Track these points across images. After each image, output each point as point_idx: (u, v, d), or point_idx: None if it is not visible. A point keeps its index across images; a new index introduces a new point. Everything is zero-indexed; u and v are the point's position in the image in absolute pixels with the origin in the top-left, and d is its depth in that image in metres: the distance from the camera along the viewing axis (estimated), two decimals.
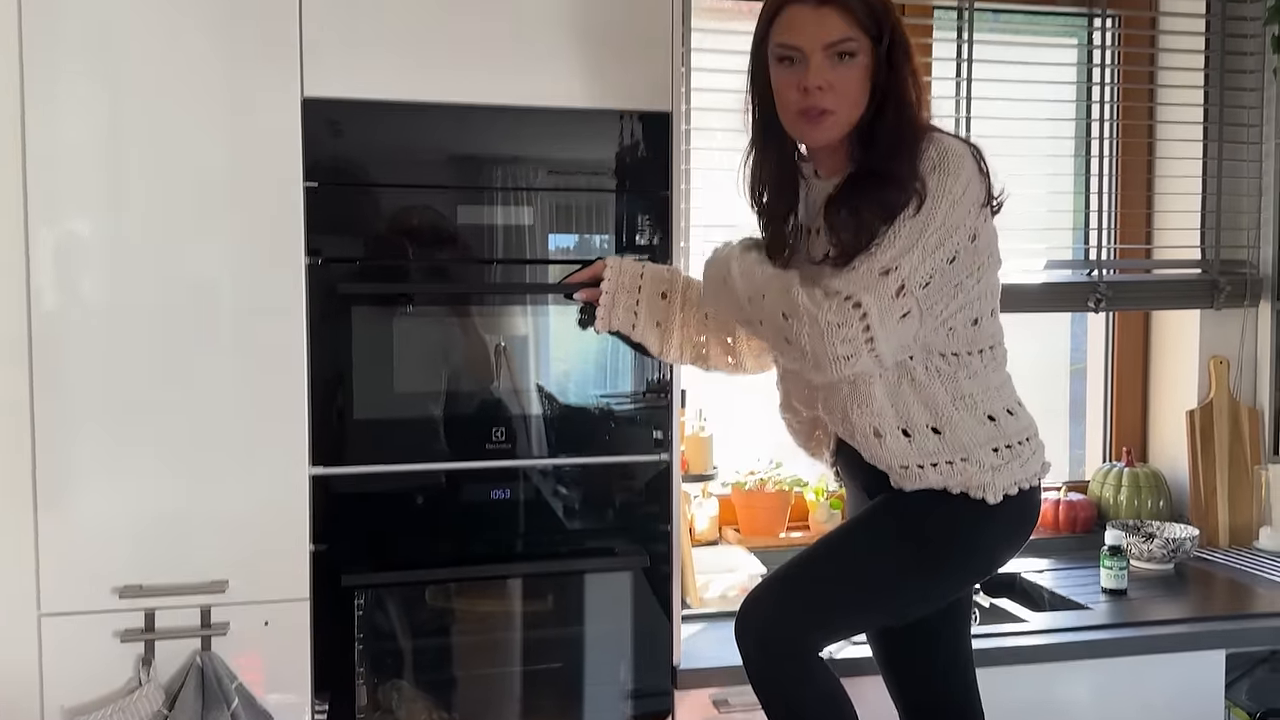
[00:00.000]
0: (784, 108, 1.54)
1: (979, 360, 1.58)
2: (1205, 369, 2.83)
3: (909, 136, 1.49)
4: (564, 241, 1.88)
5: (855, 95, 1.50)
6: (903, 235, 1.44)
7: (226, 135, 1.72)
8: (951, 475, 1.54)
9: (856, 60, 1.48)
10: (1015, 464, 1.57)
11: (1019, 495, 1.57)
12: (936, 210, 1.45)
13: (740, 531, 2.65)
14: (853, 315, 1.42)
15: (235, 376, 1.75)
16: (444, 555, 1.83)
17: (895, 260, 1.44)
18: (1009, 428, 1.59)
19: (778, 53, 1.52)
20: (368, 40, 1.76)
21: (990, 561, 1.65)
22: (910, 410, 1.55)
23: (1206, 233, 2.81)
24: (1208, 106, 2.78)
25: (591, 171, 1.87)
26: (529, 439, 1.85)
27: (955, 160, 1.47)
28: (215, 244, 1.73)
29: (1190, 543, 2.58)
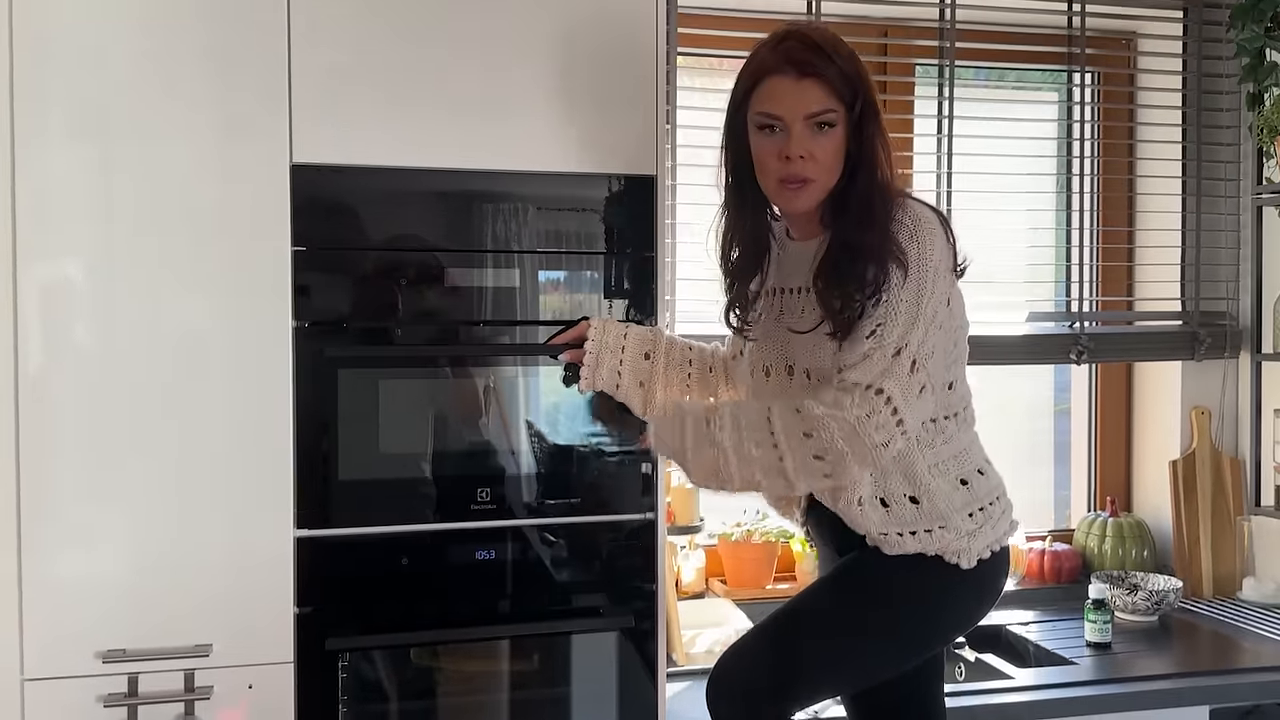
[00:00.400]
0: (764, 175, 1.57)
1: (954, 424, 1.60)
2: (1187, 419, 2.86)
3: (880, 202, 1.52)
4: (551, 302, 1.89)
5: (832, 163, 1.53)
6: (902, 311, 1.46)
7: (216, 196, 1.74)
8: (929, 542, 1.56)
9: (835, 129, 1.52)
10: (988, 527, 1.59)
11: (990, 558, 1.59)
12: (925, 280, 1.47)
13: (727, 583, 2.65)
14: (878, 402, 1.44)
15: (221, 437, 1.75)
16: (428, 617, 1.83)
17: (903, 338, 1.46)
18: (981, 489, 1.61)
19: (758, 120, 1.55)
20: (356, 107, 1.78)
21: (961, 624, 1.67)
22: (889, 480, 1.58)
23: (1186, 285, 2.84)
24: (1185, 161, 2.83)
25: (577, 233, 1.89)
26: (514, 499, 1.85)
27: (928, 228, 1.50)
28: (204, 305, 1.74)
29: (1174, 595, 2.59)
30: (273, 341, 1.76)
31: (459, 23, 1.82)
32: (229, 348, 1.75)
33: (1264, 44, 2.58)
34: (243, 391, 1.75)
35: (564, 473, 1.89)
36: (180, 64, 1.72)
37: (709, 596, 2.63)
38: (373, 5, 1.79)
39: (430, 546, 1.83)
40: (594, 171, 1.88)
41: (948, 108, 2.65)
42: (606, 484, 1.89)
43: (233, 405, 1.75)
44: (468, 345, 1.86)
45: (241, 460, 1.76)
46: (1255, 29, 2.57)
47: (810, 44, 1.50)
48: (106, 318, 1.72)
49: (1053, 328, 2.80)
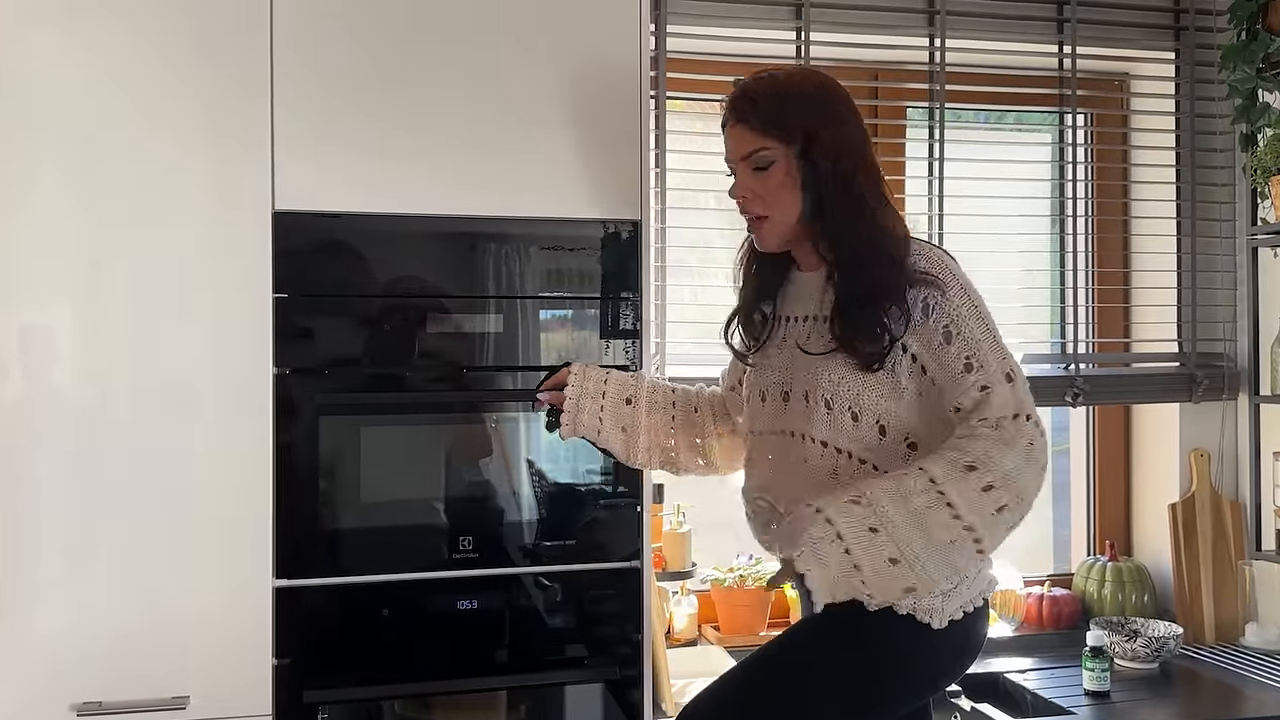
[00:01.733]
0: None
1: None
2: (1186, 462, 2.82)
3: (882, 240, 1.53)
4: (539, 346, 1.88)
5: (777, 197, 1.57)
6: (981, 336, 1.48)
7: (198, 243, 1.74)
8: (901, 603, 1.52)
9: (776, 166, 1.56)
10: (963, 587, 1.54)
11: (964, 619, 1.54)
12: (970, 297, 1.50)
13: (720, 630, 2.61)
14: (1027, 425, 1.43)
15: (200, 485, 1.74)
16: (409, 668, 1.80)
17: (1005, 361, 1.48)
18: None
19: (727, 168, 1.63)
20: (339, 154, 1.78)
21: (930, 686, 1.62)
22: None
23: (1183, 326, 2.82)
24: (1180, 202, 2.82)
25: (564, 277, 1.89)
26: (496, 547, 1.83)
27: (940, 255, 1.55)
28: (183, 350, 1.74)
29: (1174, 642, 2.55)
30: (253, 388, 1.75)
31: (444, 71, 1.83)
32: (209, 395, 1.74)
33: (1256, 85, 2.58)
34: (222, 439, 1.74)
35: (547, 520, 1.88)
36: (164, 110, 1.73)
37: (701, 644, 2.59)
38: (357, 53, 1.80)
39: (411, 596, 1.81)
40: (579, 217, 1.88)
41: (939, 150, 2.65)
42: (591, 531, 1.87)
43: (212, 453, 1.74)
44: (451, 392, 1.84)
45: (221, 509, 1.74)
46: (1247, 70, 2.57)
47: (743, 90, 1.58)
48: (84, 365, 1.71)
49: (1048, 370, 2.78)
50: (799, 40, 2.56)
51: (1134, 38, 2.79)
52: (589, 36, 1.89)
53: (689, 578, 2.56)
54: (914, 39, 2.66)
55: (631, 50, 1.90)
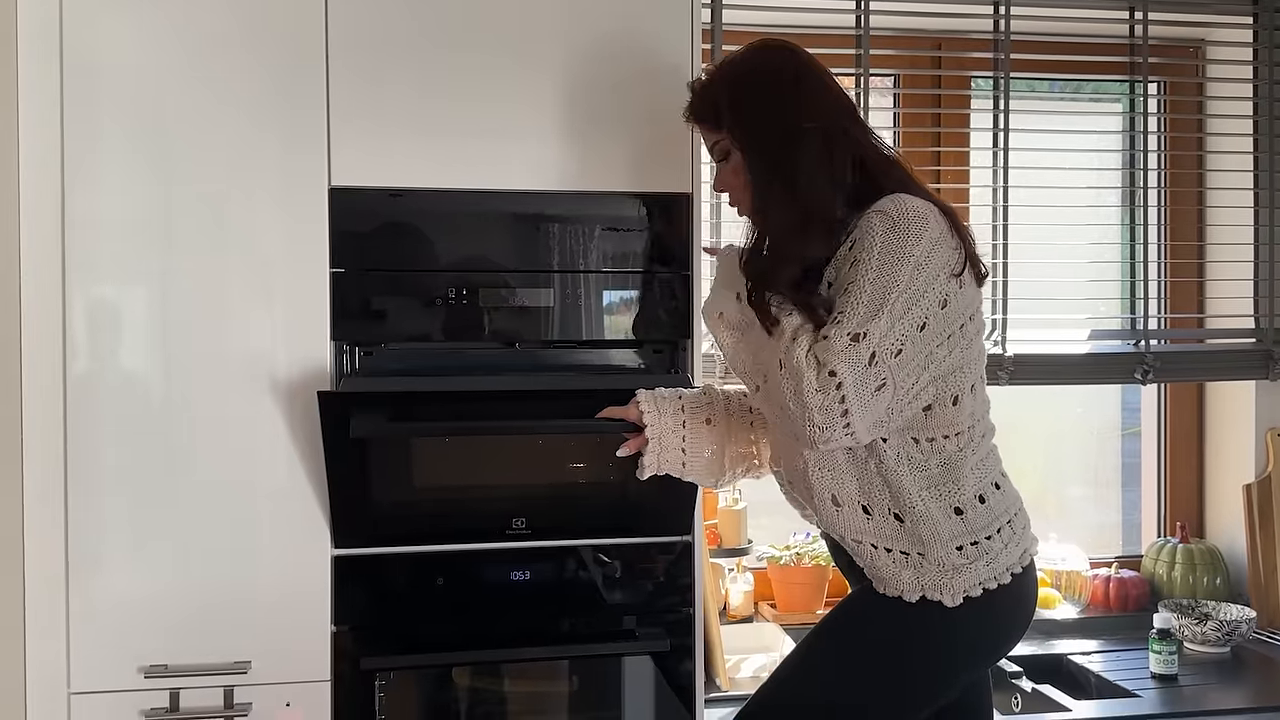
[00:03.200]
0: None
1: (954, 444, 1.50)
2: (1262, 441, 2.73)
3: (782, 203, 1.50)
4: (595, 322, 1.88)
5: (740, 184, 1.58)
6: (865, 299, 1.39)
7: (258, 218, 1.77)
8: (906, 569, 1.50)
9: (732, 155, 1.58)
10: (980, 563, 1.49)
11: (983, 596, 1.48)
12: (900, 272, 1.39)
13: (776, 608, 2.60)
14: (830, 384, 1.37)
15: (260, 456, 1.78)
16: (464, 637, 1.83)
17: (863, 325, 1.38)
18: (978, 520, 1.50)
19: None
20: (392, 131, 1.80)
21: (952, 664, 1.54)
22: (873, 489, 1.51)
23: (1260, 301, 2.72)
24: (1257, 173, 2.72)
25: (614, 253, 1.88)
26: (549, 521, 1.84)
27: (916, 220, 1.42)
28: (245, 324, 1.77)
29: (1247, 625, 2.48)
30: (311, 364, 1.78)
31: (496, 46, 1.83)
32: (269, 368, 1.78)
33: None
34: (283, 411, 1.78)
35: (601, 495, 1.88)
36: (228, 87, 1.76)
37: (757, 620, 2.59)
38: (406, 29, 1.81)
39: (465, 566, 1.83)
40: (632, 191, 1.87)
41: (1003, 120, 2.58)
42: (645, 506, 1.87)
43: (273, 424, 1.78)
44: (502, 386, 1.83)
45: (281, 479, 1.78)
46: None
47: (692, 91, 1.63)
48: (150, 339, 1.76)
49: (1117, 346, 2.70)
50: (859, 10, 2.51)
51: (1210, 1, 2.68)
52: (643, 9, 1.87)
53: (745, 555, 2.56)
54: (978, 6, 2.59)
55: (684, 23, 1.88)
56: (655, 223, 1.88)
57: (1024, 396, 2.72)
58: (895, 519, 1.51)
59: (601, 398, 1.71)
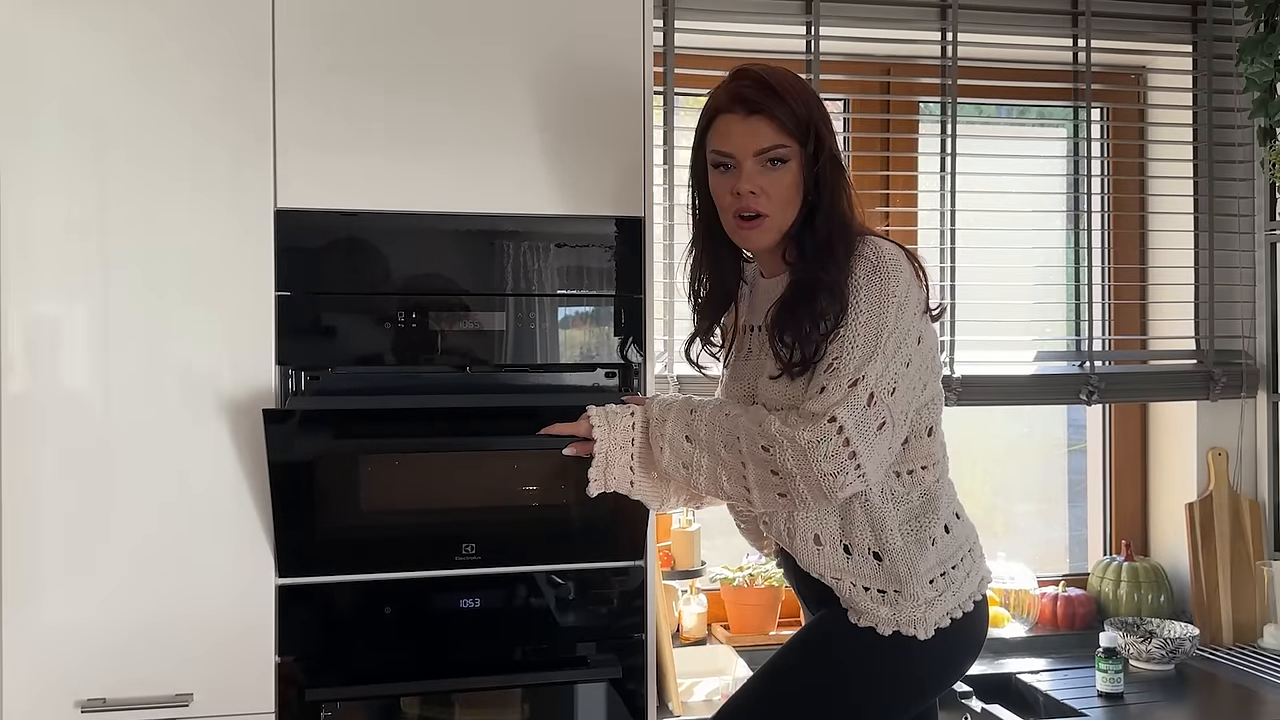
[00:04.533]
0: (722, 211, 1.57)
1: (932, 474, 1.56)
2: (1204, 461, 2.78)
3: (839, 240, 1.50)
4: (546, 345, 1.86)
5: (786, 199, 1.52)
6: (859, 344, 1.44)
7: (202, 238, 1.74)
8: (883, 606, 1.51)
9: (788, 166, 1.51)
10: (949, 594, 1.53)
11: (951, 626, 1.52)
12: (886, 314, 1.45)
13: (730, 629, 2.60)
14: (829, 430, 1.42)
15: (203, 483, 1.74)
16: (411, 666, 1.80)
17: (860, 370, 1.44)
18: (947, 550, 1.55)
19: (713, 159, 1.55)
20: (340, 151, 1.78)
21: (921, 694, 1.59)
22: (855, 529, 1.53)
23: (1201, 323, 2.78)
24: (1198, 197, 2.78)
25: (570, 276, 1.87)
26: (500, 547, 1.82)
27: (892, 263, 1.48)
28: (186, 346, 1.74)
29: (1190, 643, 2.51)
30: (255, 387, 1.75)
31: (446, 66, 1.82)
32: (213, 393, 1.74)
33: (1274, 78, 2.54)
34: (226, 436, 1.74)
35: (552, 519, 1.86)
36: (171, 103, 1.73)
37: (710, 643, 2.58)
38: (356, 50, 1.79)
39: (413, 594, 1.80)
40: (584, 214, 1.87)
41: (950, 145, 2.62)
42: (597, 531, 1.86)
43: (216, 450, 1.74)
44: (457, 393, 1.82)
45: (225, 506, 1.75)
46: (1264, 63, 2.53)
47: (760, 82, 1.50)
48: (90, 360, 1.72)
49: (1063, 367, 2.75)
50: (809, 35, 2.54)
51: (1150, 30, 2.75)
52: (594, 32, 1.87)
53: (698, 576, 2.55)
54: (926, 33, 2.63)
55: (635, 46, 1.88)
56: (608, 246, 1.88)
57: (972, 415, 2.75)
58: (874, 558, 1.52)
59: (549, 415, 1.69)
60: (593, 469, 1.64)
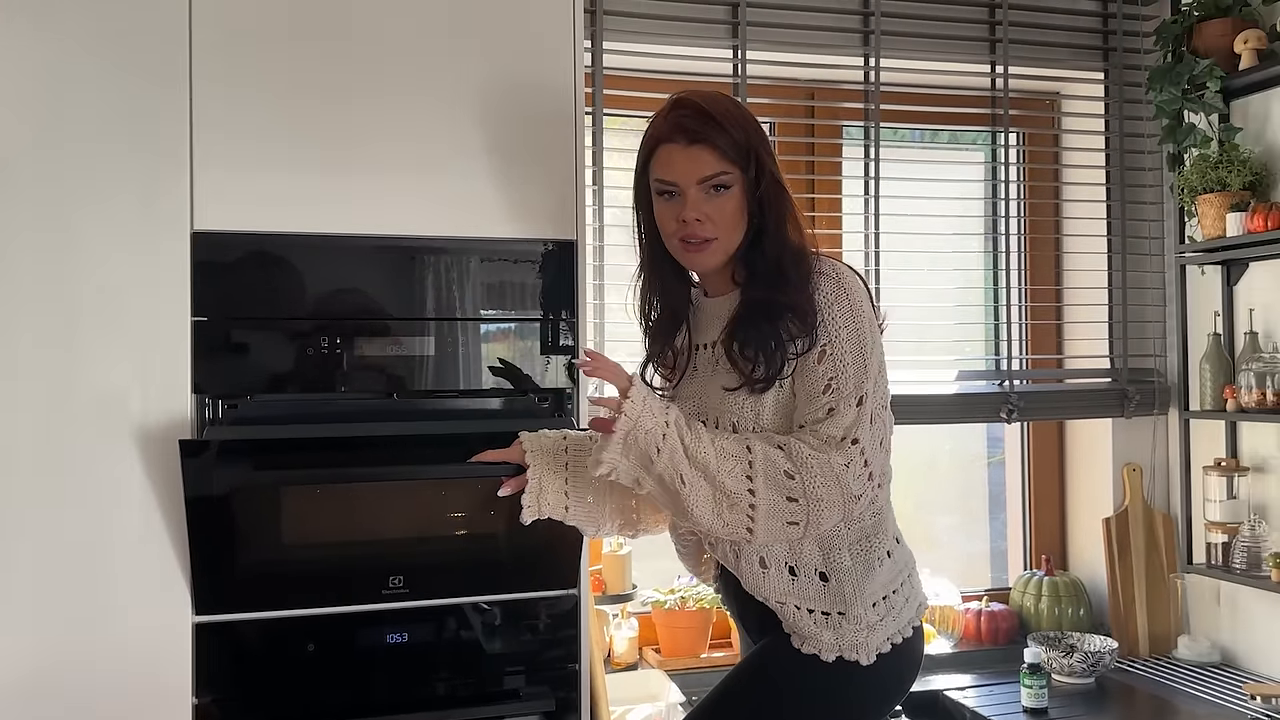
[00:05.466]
0: (666, 236, 1.57)
1: (885, 492, 1.56)
2: (1119, 476, 2.86)
3: (790, 262, 1.51)
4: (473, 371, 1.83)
5: (732, 223, 1.52)
6: (850, 361, 1.46)
7: (115, 261, 1.66)
8: (826, 630, 1.51)
9: (731, 191, 1.51)
10: (889, 618, 1.54)
11: (891, 651, 1.53)
12: (862, 328, 1.48)
13: (661, 653, 2.58)
14: (855, 452, 1.44)
15: (113, 518, 1.66)
16: (337, 706, 1.73)
17: (860, 388, 1.46)
18: (888, 572, 1.56)
19: (657, 187, 1.55)
20: (260, 172, 1.72)
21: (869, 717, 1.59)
22: (803, 550, 1.52)
23: (1115, 342, 2.86)
24: (1110, 220, 2.86)
25: (500, 298, 1.84)
26: (428, 579, 1.77)
27: (851, 281, 1.51)
28: (98, 374, 1.66)
29: (1110, 656, 2.57)
30: (171, 417, 1.67)
31: (373, 88, 1.78)
32: (124, 419, 1.66)
33: (1182, 106, 2.63)
34: (139, 468, 1.66)
35: (482, 549, 1.82)
36: (79, 127, 1.65)
37: (642, 667, 2.55)
38: (277, 67, 1.74)
39: (339, 631, 1.74)
40: (515, 237, 1.84)
41: (874, 168, 2.65)
42: (528, 560, 1.82)
43: (128, 483, 1.66)
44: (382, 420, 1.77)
45: (137, 541, 1.67)
46: (1173, 91, 2.62)
47: (700, 111, 1.50)
48: None
49: (983, 386, 2.80)
50: (736, 59, 2.55)
51: (1064, 58, 2.83)
52: (524, 54, 1.85)
53: (629, 600, 2.53)
54: (849, 58, 2.67)
55: (565, 68, 1.86)
56: (539, 269, 1.85)
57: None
58: (820, 579, 1.52)
59: (478, 441, 1.65)
60: (526, 495, 1.61)
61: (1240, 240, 2.49)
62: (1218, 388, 2.62)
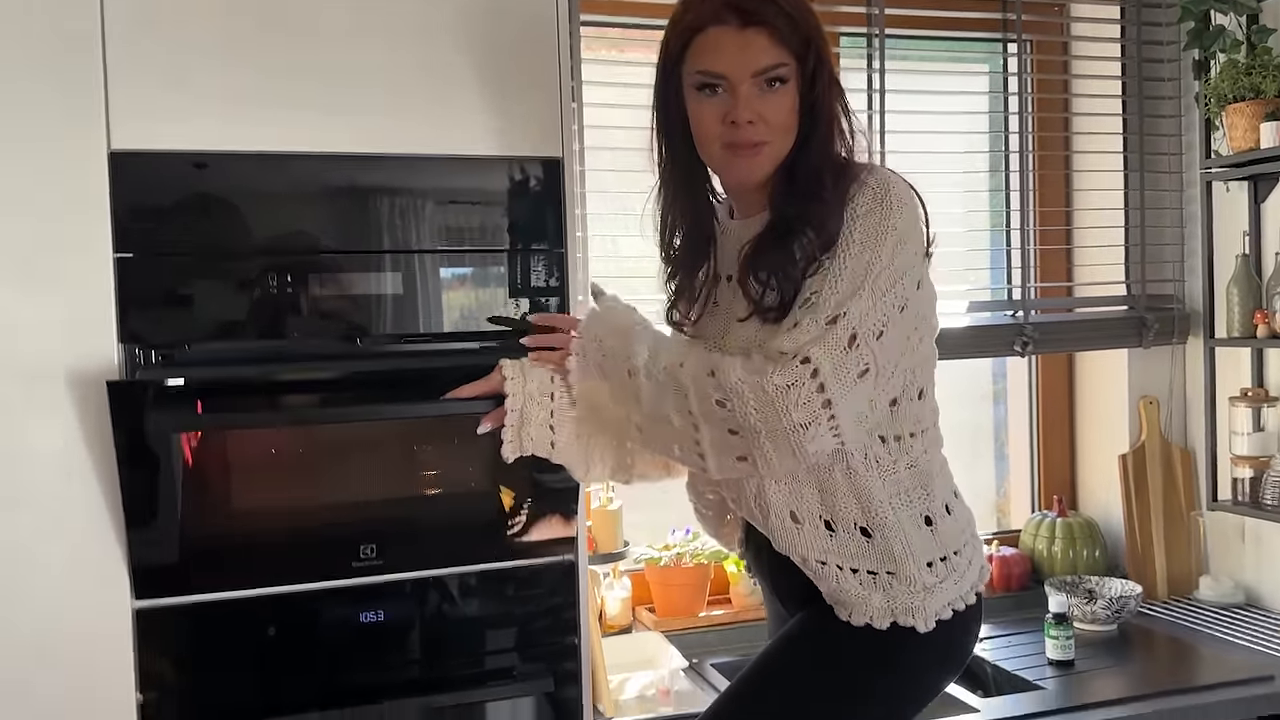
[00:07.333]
0: (706, 141, 1.33)
1: (921, 444, 1.36)
2: (1135, 410, 2.69)
3: (831, 171, 1.30)
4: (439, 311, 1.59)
5: (787, 124, 1.30)
6: (845, 277, 1.24)
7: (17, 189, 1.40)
8: (875, 592, 1.32)
9: (787, 86, 1.28)
10: (950, 581, 1.34)
11: (953, 618, 1.34)
12: (882, 247, 1.25)
13: (656, 612, 2.39)
14: (803, 373, 1.21)
15: (36, 493, 1.42)
16: (305, 695, 1.52)
17: (841, 305, 1.23)
18: (947, 533, 1.37)
19: (697, 80, 1.30)
20: (192, 78, 1.46)
21: (923, 697, 1.41)
22: (838, 501, 1.33)
23: (1131, 267, 2.67)
24: (1126, 135, 2.65)
25: (474, 227, 1.60)
26: (404, 549, 1.55)
27: (897, 196, 1.28)
28: (13, 326, 1.41)
29: (1134, 600, 2.42)
30: (95, 371, 1.43)
31: None
32: (42, 380, 1.42)
33: (1209, 6, 2.41)
34: (61, 433, 1.42)
35: (465, 516, 1.60)
36: None
37: (637, 629, 2.36)
38: None
39: (303, 611, 1.52)
40: (490, 155, 1.59)
41: (878, 81, 2.42)
42: (516, 524, 1.61)
43: (49, 449, 1.42)
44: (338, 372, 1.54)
45: (64, 518, 1.43)
46: None
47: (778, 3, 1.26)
48: None
49: (991, 318, 2.60)
50: None
51: None
52: None
53: (621, 559, 2.33)
54: None
55: None
56: (520, 193, 1.61)
57: None
58: (862, 534, 1.32)
59: (453, 378, 1.43)
60: (506, 429, 1.41)
61: (1276, 152, 2.29)
62: (1246, 313, 2.44)
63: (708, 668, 2.20)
